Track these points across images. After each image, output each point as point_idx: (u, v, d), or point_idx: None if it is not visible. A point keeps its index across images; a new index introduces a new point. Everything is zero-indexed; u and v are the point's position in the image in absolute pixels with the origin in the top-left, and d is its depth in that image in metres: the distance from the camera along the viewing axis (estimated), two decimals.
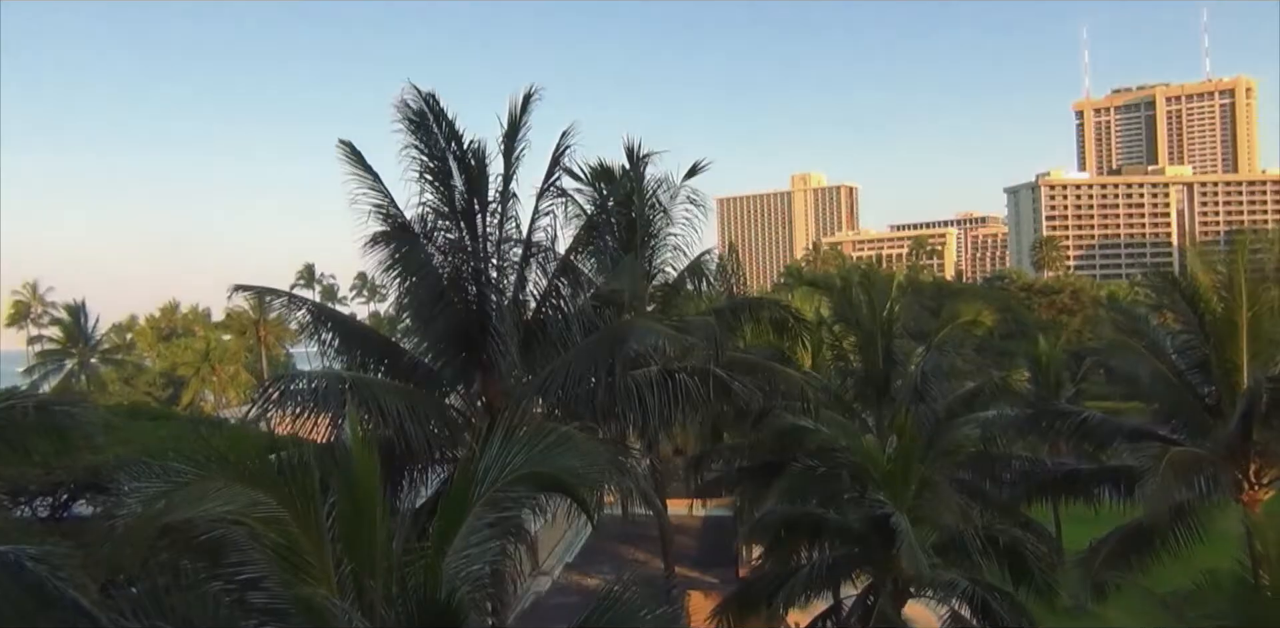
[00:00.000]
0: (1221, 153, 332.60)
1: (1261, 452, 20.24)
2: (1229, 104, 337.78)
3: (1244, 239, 22.62)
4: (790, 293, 44.59)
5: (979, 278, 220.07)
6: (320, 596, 8.16)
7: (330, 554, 8.50)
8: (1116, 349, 23.35)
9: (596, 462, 11.91)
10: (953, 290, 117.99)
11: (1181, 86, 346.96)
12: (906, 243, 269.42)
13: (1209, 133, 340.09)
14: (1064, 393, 43.16)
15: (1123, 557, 20.72)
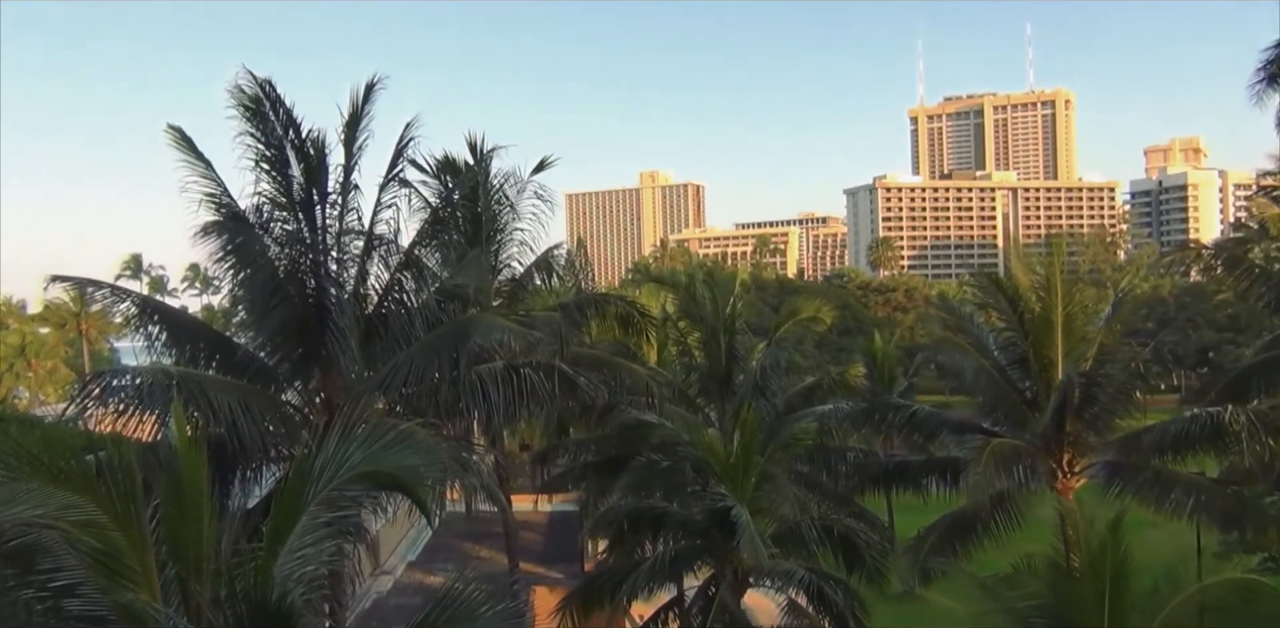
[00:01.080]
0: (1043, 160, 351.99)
1: (1074, 442, 21.53)
2: (1050, 114, 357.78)
3: (1060, 243, 24.00)
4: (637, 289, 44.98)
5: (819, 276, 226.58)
6: (141, 601, 7.81)
7: (153, 558, 8.14)
8: (944, 346, 24.46)
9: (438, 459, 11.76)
10: (794, 288, 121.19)
11: (1008, 96, 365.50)
12: (751, 241, 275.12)
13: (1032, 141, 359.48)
14: (897, 387, 44.87)
15: (948, 543, 21.73)
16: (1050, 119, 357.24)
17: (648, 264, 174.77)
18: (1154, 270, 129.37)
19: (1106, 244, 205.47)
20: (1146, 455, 21.59)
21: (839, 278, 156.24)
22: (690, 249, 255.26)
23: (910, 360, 59.51)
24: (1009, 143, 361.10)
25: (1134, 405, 23.00)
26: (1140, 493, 21.03)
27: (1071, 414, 21.06)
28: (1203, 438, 20.81)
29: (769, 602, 21.64)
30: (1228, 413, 20.35)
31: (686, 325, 28.33)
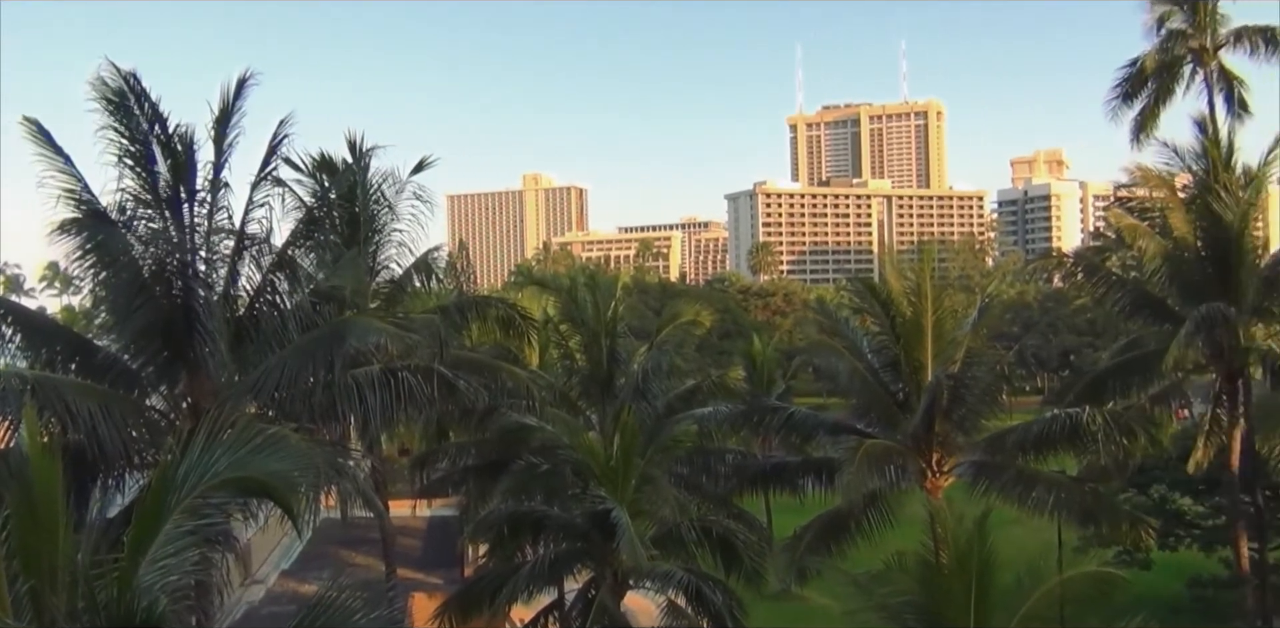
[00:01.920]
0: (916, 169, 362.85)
1: (943, 443, 22.22)
2: (923, 125, 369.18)
3: (930, 249, 24.80)
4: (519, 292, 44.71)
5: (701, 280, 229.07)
6: None
7: (3, 570, 7.72)
8: (820, 349, 24.99)
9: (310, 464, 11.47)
10: (676, 292, 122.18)
11: (883, 107, 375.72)
12: (634, 245, 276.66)
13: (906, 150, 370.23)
14: (775, 390, 45.60)
15: (823, 542, 22.18)
16: (923, 129, 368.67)
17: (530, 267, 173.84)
18: (1019, 277, 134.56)
19: (975, 251, 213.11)
20: (1011, 455, 22.43)
21: (720, 282, 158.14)
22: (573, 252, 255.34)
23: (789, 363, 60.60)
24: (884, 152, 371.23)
25: (999, 407, 23.90)
26: (1005, 491, 21.83)
27: (940, 415, 21.74)
28: (1063, 438, 21.75)
29: (649, 603, 21.78)
30: (1085, 414, 21.32)
31: (568, 329, 28.30)
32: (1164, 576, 35.41)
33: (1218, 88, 33.66)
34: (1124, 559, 33.42)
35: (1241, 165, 23.95)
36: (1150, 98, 34.68)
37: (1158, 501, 36.18)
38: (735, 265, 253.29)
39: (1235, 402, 23.22)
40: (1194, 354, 22.74)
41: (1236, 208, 22.50)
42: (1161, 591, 35.52)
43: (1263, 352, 22.09)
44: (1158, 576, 34.86)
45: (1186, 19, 34.21)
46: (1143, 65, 34.38)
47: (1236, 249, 22.63)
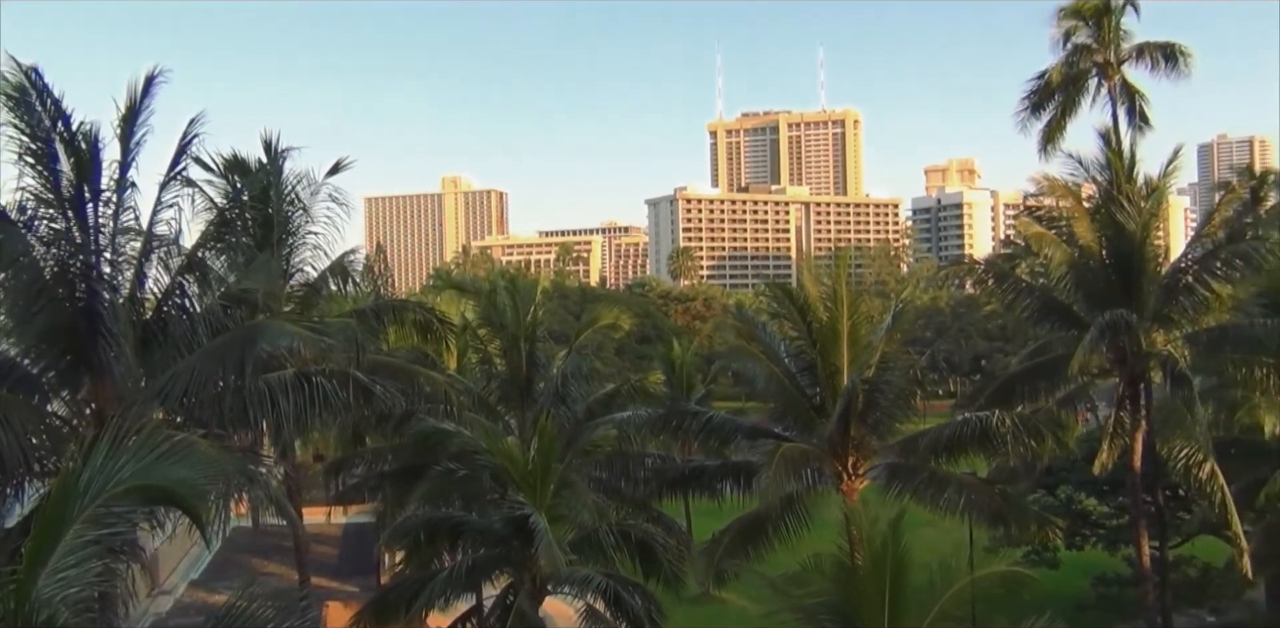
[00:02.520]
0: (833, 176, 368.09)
1: (858, 446, 22.57)
2: (840, 133, 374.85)
3: (845, 256, 25.17)
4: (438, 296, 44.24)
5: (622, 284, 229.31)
6: None
7: None
8: (739, 354, 25.20)
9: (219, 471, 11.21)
10: (596, 296, 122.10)
11: (801, 115, 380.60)
12: (554, 249, 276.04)
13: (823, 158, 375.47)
14: (695, 394, 45.79)
15: (741, 545, 22.34)
16: (840, 138, 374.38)
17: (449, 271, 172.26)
18: (933, 283, 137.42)
19: (891, 257, 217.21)
20: (924, 457, 22.87)
21: (640, 286, 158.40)
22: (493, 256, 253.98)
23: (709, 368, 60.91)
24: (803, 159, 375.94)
25: (913, 410, 24.36)
26: (918, 493, 22.27)
27: (856, 419, 22.07)
28: (973, 441, 22.26)
29: (568, 608, 21.71)
30: (995, 417, 21.86)
31: (487, 333, 28.11)
32: (1070, 574, 36.36)
33: (1121, 101, 34.86)
34: (1033, 559, 34.20)
35: (1143, 176, 24.79)
36: (1057, 110, 35.78)
37: (1064, 501, 37.14)
38: (656, 270, 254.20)
39: (1137, 405, 23.97)
40: (1098, 359, 23.41)
41: (1138, 218, 23.25)
42: (1068, 589, 36.47)
43: (1162, 357, 22.80)
44: (1065, 574, 35.78)
45: (1091, 34, 35.36)
46: (1050, 78, 35.46)
47: (1138, 258, 23.38)
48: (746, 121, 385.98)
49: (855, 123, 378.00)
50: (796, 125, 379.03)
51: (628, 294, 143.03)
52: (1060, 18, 35.56)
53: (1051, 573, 34.41)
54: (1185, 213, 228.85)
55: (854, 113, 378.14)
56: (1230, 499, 22.40)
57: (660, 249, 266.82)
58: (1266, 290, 27.86)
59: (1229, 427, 28.62)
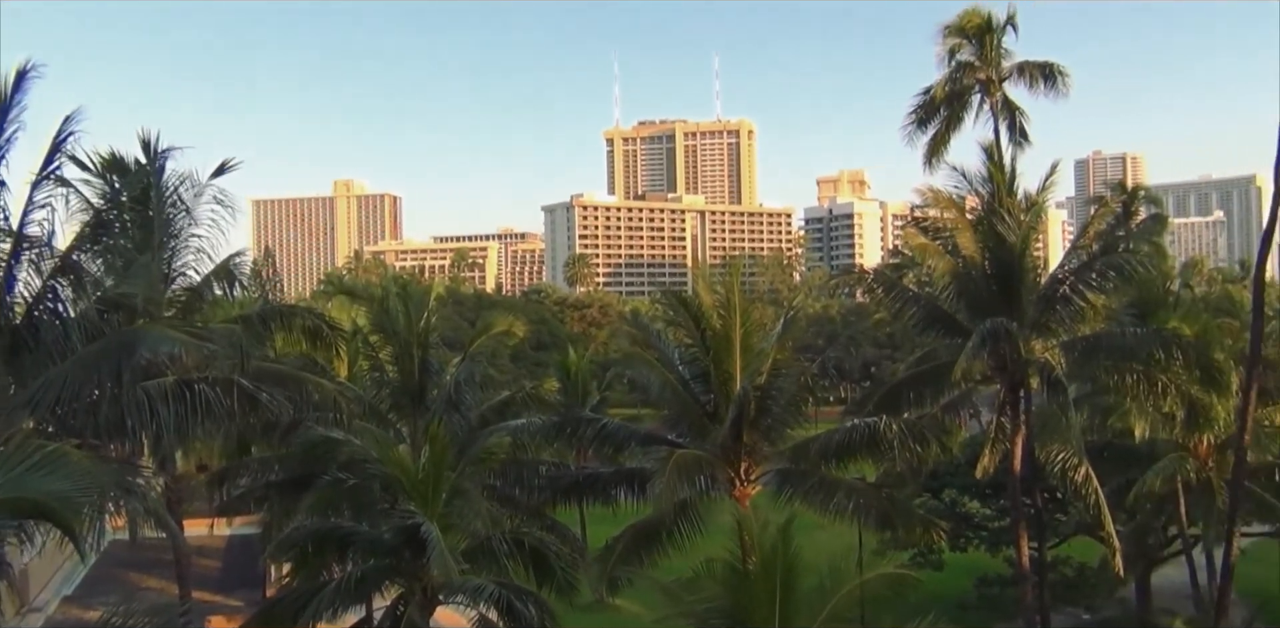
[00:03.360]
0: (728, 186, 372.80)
1: (750, 452, 22.84)
2: (735, 143, 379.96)
3: (738, 265, 25.53)
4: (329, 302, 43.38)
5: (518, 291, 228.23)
6: None
7: None
8: (633, 361, 25.30)
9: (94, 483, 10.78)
10: (491, 303, 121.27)
11: (697, 124, 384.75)
12: (449, 255, 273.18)
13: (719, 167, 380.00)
14: (590, 401, 45.80)
15: (635, 552, 22.39)
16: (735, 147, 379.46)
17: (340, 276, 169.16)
18: (824, 292, 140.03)
19: (783, 266, 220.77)
20: (814, 463, 23.26)
21: (537, 293, 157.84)
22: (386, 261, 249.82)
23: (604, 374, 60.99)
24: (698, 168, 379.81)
25: (804, 416, 24.78)
26: (808, 497, 22.63)
27: (748, 425, 22.34)
28: (862, 446, 22.74)
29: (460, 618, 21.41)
30: (883, 423, 22.38)
31: (379, 339, 27.61)
32: (955, 575, 37.37)
33: (1002, 117, 36.13)
34: (919, 561, 35.05)
35: (1023, 190, 25.67)
36: (941, 124, 36.90)
37: (949, 504, 38.16)
38: (552, 277, 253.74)
39: (1017, 411, 24.76)
40: (980, 366, 24.12)
41: (1018, 230, 24.07)
42: (952, 589, 37.47)
43: (1040, 364, 23.60)
44: (949, 575, 36.75)
45: (974, 52, 36.57)
46: (935, 94, 36.56)
47: (1018, 268, 24.19)
48: (643, 130, 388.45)
49: (750, 133, 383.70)
50: (693, 134, 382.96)
51: (524, 301, 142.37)
52: (945, 35, 36.71)
53: (937, 574, 35.32)
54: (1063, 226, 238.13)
55: (748, 123, 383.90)
56: (1103, 501, 23.32)
57: (557, 256, 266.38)
58: (1137, 301, 29.20)
59: (1102, 431, 29.87)
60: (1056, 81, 36.04)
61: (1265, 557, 37.81)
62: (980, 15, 36.22)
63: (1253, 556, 38.23)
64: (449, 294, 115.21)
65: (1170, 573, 35.86)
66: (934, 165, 37.05)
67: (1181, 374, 24.12)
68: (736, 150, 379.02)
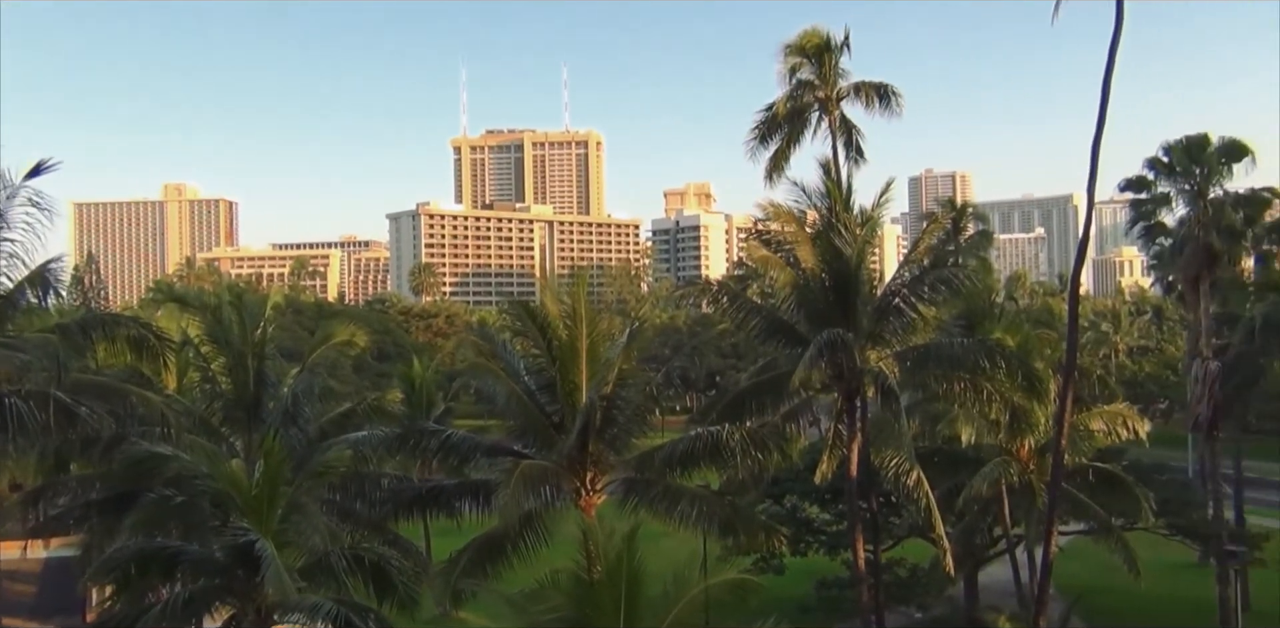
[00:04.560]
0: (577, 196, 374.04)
1: (596, 461, 22.91)
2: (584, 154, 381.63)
3: (584, 275, 25.56)
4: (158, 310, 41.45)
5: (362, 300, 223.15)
6: None
7: None
8: (479, 371, 25.02)
9: None
10: (332, 312, 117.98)
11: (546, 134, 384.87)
12: (289, 262, 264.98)
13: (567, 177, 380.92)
14: (435, 412, 45.12)
15: (479, 564, 22.12)
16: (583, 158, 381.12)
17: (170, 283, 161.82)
18: (671, 302, 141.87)
19: (631, 277, 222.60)
20: (659, 471, 23.48)
21: (381, 303, 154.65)
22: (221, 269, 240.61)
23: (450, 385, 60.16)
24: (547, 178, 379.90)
25: (649, 426, 24.97)
26: (653, 506, 22.82)
27: (594, 435, 22.40)
28: (705, 454, 23.06)
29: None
30: (725, 431, 22.77)
31: (211, 350, 26.51)
32: (795, 578, 38.28)
33: (840, 134, 37.42)
34: (761, 566, 35.77)
35: (859, 206, 26.60)
36: (782, 141, 37.99)
37: (790, 510, 39.08)
38: (397, 286, 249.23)
39: (853, 418, 25.57)
40: (819, 375, 24.80)
41: (854, 244, 24.90)
42: (793, 593, 38.38)
43: (875, 373, 24.43)
44: (790, 579, 37.61)
45: (814, 71, 37.78)
46: (776, 111, 37.61)
47: (854, 281, 25.02)
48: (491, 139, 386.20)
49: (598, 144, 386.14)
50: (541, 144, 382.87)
51: (367, 310, 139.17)
52: (786, 54, 37.81)
53: (778, 578, 36.12)
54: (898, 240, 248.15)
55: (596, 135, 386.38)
56: (934, 504, 24.29)
57: (402, 265, 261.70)
58: (965, 312, 30.62)
59: (933, 437, 31.15)
60: (891, 101, 37.55)
61: (1081, 554, 40.12)
62: (819, 35, 37.46)
63: (1070, 553, 40.58)
64: (288, 303, 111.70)
65: (996, 571, 37.62)
66: (775, 180, 38.10)
67: (1005, 382, 25.31)
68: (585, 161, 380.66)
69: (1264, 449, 69.68)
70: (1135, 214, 45.46)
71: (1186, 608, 41.46)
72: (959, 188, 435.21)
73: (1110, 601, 40.66)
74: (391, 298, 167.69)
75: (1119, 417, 29.28)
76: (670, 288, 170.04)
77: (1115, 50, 23.64)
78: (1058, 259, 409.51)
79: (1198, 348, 42.42)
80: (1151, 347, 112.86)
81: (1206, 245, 41.27)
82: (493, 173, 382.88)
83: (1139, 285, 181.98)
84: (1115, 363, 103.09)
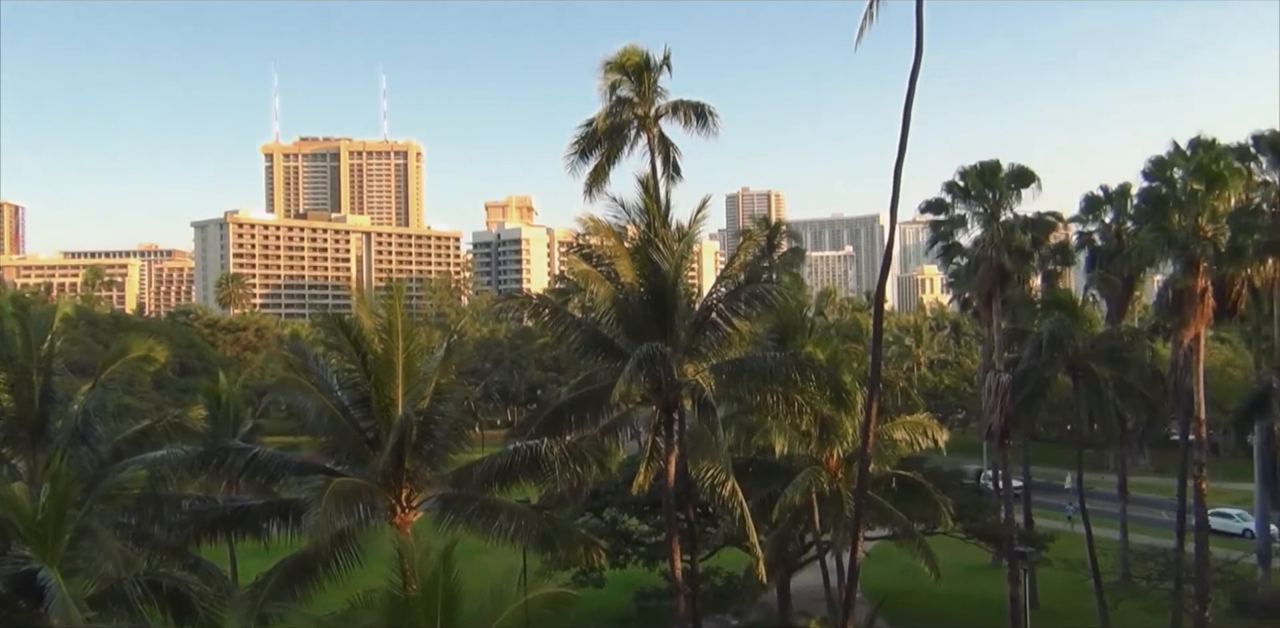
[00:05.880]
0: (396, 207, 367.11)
1: (412, 478, 22.42)
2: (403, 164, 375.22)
3: (401, 287, 24.98)
4: None
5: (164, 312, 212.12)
6: None
7: None
8: (289, 386, 24.11)
9: None
10: (130, 324, 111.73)
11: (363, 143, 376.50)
12: (82, 272, 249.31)
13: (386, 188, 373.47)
14: (242, 429, 43.31)
15: (288, 586, 21.29)
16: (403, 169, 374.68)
17: None
18: (491, 315, 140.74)
19: (451, 290, 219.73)
20: (478, 487, 23.19)
21: (185, 314, 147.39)
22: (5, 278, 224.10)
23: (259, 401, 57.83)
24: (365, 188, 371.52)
25: (468, 441, 24.66)
26: (471, 522, 22.49)
27: (410, 451, 21.94)
28: (525, 469, 22.94)
29: None
30: (544, 445, 22.72)
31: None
32: (615, 590, 38.56)
33: (658, 151, 38.14)
34: (581, 579, 35.84)
35: (677, 222, 27.12)
36: (602, 156, 38.44)
37: (610, 522, 39.37)
38: (203, 298, 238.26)
39: (671, 431, 25.97)
40: (637, 389, 25.08)
41: (672, 259, 25.38)
42: (613, 605, 38.67)
43: (692, 386, 24.89)
44: (610, 591, 37.85)
45: (634, 88, 38.40)
46: (596, 126, 38.05)
47: (672, 296, 25.46)
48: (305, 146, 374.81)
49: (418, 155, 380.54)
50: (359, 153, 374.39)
51: (170, 323, 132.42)
52: (606, 71, 38.32)
53: (598, 591, 36.30)
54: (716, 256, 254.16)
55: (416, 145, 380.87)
56: (748, 513, 24.89)
57: (209, 275, 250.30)
58: (778, 327, 31.66)
59: (748, 448, 31.97)
60: (708, 121, 38.55)
61: (886, 558, 41.91)
62: (639, 53, 38.12)
63: (876, 557, 42.35)
64: (79, 314, 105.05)
65: (807, 578, 38.94)
66: (595, 195, 38.49)
67: (815, 394, 26.21)
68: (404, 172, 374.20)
69: (1049, 455, 74.77)
70: (934, 235, 48.17)
71: (981, 607, 44.03)
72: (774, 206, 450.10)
73: (913, 602, 42.71)
74: (197, 310, 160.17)
75: (920, 426, 30.76)
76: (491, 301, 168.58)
77: (915, 80, 24.95)
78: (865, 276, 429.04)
79: (991, 361, 45.22)
80: (950, 360, 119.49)
81: (998, 265, 44.11)
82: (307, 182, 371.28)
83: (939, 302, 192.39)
84: (917, 375, 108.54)
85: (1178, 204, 37.42)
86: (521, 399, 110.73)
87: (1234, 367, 79.16)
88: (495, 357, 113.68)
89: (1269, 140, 35.09)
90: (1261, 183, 35.97)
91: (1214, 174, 35.27)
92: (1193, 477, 38.54)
